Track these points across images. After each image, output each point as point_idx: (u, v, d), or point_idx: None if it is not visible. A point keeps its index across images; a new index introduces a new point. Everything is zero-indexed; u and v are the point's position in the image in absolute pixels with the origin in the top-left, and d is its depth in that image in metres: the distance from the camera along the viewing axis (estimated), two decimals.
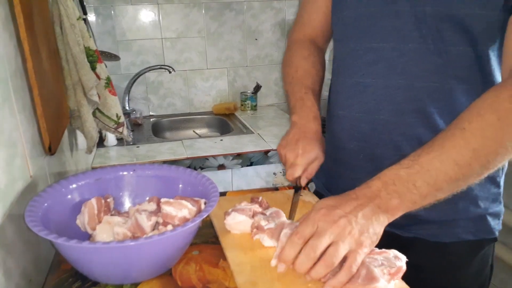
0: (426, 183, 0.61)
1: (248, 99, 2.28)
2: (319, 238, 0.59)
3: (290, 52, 0.99)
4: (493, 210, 0.83)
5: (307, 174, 0.85)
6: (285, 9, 2.28)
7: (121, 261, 0.62)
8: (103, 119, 1.23)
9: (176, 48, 2.17)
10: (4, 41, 0.73)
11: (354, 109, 0.83)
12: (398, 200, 0.61)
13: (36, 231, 0.58)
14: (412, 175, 0.62)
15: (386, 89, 0.78)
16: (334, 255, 0.58)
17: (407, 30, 0.74)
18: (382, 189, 0.62)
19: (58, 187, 0.73)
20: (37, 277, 0.74)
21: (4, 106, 0.69)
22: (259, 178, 1.72)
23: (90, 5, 2.00)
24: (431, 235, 0.83)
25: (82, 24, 1.09)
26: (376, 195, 0.62)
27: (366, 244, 0.60)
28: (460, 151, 0.61)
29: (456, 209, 0.80)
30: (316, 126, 0.87)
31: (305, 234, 0.60)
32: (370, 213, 0.61)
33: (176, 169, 0.81)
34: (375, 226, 0.61)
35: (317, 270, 0.59)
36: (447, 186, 0.62)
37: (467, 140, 0.61)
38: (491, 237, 0.84)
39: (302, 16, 1.00)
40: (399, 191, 0.61)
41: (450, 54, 0.73)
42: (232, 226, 0.76)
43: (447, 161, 0.61)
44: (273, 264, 0.65)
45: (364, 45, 0.80)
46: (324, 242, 0.58)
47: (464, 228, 0.82)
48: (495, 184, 0.82)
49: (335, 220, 0.60)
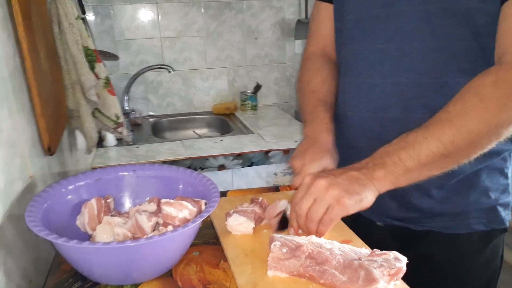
0: (410, 156, 0.67)
1: (248, 99, 2.27)
2: (301, 201, 0.69)
3: (302, 67, 1.01)
4: (503, 201, 0.85)
5: None
6: (285, 8, 2.27)
7: (121, 261, 0.61)
8: (102, 119, 1.23)
9: (176, 47, 2.17)
10: (2, 41, 0.73)
11: (363, 109, 0.84)
12: (382, 170, 0.67)
13: (36, 232, 0.58)
14: (397, 150, 0.68)
15: (394, 87, 0.80)
16: (315, 211, 0.67)
17: (409, 30, 0.77)
18: (370, 161, 0.69)
19: (58, 188, 0.73)
20: (37, 277, 0.74)
21: (3, 106, 0.69)
22: (260, 179, 1.71)
23: (89, 4, 1.99)
24: (444, 227, 0.85)
25: (80, 23, 1.09)
26: (362, 166, 0.69)
27: (344, 201, 0.65)
28: (443, 129, 0.66)
29: (468, 200, 0.82)
30: (327, 137, 0.85)
31: (296, 200, 0.70)
32: (353, 177, 0.67)
33: (177, 170, 0.80)
34: (356, 187, 0.66)
35: (308, 226, 0.69)
36: (431, 162, 0.67)
37: (450, 120, 0.67)
38: (501, 227, 0.86)
39: (312, 29, 1.02)
40: (384, 163, 0.68)
41: (454, 50, 0.75)
42: (233, 228, 0.76)
43: (430, 138, 0.66)
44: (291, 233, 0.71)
45: (368, 46, 0.83)
46: (306, 202, 0.68)
47: (477, 219, 0.84)
48: (504, 175, 0.84)
49: (316, 183, 0.68)
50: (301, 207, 0.69)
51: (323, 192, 0.66)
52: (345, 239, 0.75)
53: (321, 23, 0.98)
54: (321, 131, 0.85)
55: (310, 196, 0.68)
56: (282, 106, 2.41)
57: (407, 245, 0.68)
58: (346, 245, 0.69)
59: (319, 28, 0.99)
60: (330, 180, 0.67)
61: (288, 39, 2.33)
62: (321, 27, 0.99)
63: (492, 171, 0.81)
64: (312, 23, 1.01)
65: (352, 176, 0.68)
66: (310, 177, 0.70)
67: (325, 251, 0.65)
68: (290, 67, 2.38)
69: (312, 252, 0.65)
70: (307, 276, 0.64)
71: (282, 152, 1.67)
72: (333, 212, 0.66)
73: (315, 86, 0.94)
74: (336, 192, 0.66)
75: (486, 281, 0.89)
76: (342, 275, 0.62)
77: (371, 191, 0.67)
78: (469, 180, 0.80)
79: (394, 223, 0.88)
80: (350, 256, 0.66)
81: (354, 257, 0.66)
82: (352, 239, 0.76)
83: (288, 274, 0.64)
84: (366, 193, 0.67)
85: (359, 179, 0.67)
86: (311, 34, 1.02)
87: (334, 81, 0.94)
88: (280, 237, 0.68)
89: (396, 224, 0.88)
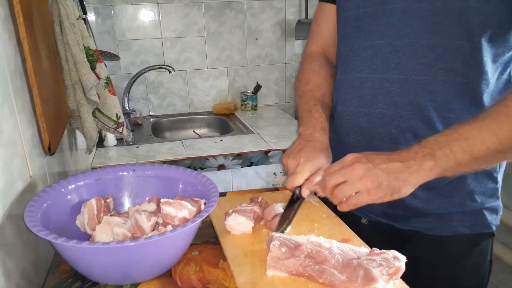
0: (463, 150, 0.64)
1: (248, 99, 2.28)
2: (332, 175, 0.67)
3: (302, 66, 1.00)
4: (490, 205, 0.83)
5: (309, 185, 0.77)
6: (285, 9, 2.27)
7: (120, 261, 0.62)
8: (102, 119, 1.23)
9: (176, 47, 2.17)
10: (3, 41, 0.73)
11: (353, 104, 0.85)
12: (432, 162, 0.64)
13: (35, 232, 0.58)
14: (449, 141, 0.65)
15: (382, 83, 0.80)
16: (342, 191, 0.66)
17: (401, 26, 0.77)
18: (419, 151, 0.66)
19: (58, 187, 0.73)
20: (36, 277, 0.74)
21: (3, 106, 0.69)
22: (259, 178, 1.71)
23: (90, 5, 1.99)
24: (428, 228, 0.84)
25: (81, 23, 1.09)
26: (410, 157, 0.66)
27: (374, 193, 0.64)
28: (501, 125, 0.63)
29: (453, 202, 0.81)
30: (322, 136, 0.83)
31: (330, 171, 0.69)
32: (394, 170, 0.65)
33: (176, 169, 0.80)
34: (393, 182, 0.64)
35: (330, 199, 0.68)
36: (484, 156, 0.64)
37: (508, 115, 0.64)
38: (488, 231, 0.85)
39: (313, 29, 1.02)
40: (434, 154, 0.64)
41: (445, 48, 0.74)
42: (233, 227, 0.76)
43: (486, 132, 0.63)
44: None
45: (363, 43, 0.83)
46: (336, 179, 0.67)
47: (460, 222, 0.83)
48: (492, 180, 0.83)
49: (353, 168, 0.66)
50: (330, 180, 0.68)
51: (357, 179, 0.65)
52: (344, 238, 0.75)
53: (322, 24, 0.98)
54: (316, 130, 0.84)
55: (343, 176, 0.66)
56: (282, 106, 2.42)
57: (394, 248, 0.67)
58: (345, 244, 0.69)
59: (320, 28, 0.99)
60: (367, 168, 0.65)
61: (288, 40, 2.33)
62: (322, 27, 0.99)
63: (479, 174, 0.80)
64: (314, 23, 1.01)
65: (393, 169, 0.65)
66: (351, 158, 0.68)
67: (324, 251, 0.65)
68: (290, 67, 2.38)
69: (311, 252, 0.65)
70: (306, 276, 0.64)
71: (281, 152, 1.68)
72: (360, 198, 0.65)
73: (313, 85, 0.93)
74: (369, 184, 0.64)
75: (475, 285, 0.88)
76: (341, 274, 0.62)
77: (410, 185, 0.66)
78: (454, 182, 0.78)
79: (378, 219, 0.88)
80: (349, 255, 0.66)
81: (353, 256, 0.66)
82: (351, 237, 0.76)
83: (287, 274, 0.64)
84: (402, 188, 0.65)
85: (399, 173, 0.65)
86: (312, 34, 1.02)
87: (333, 81, 0.94)
88: (279, 236, 0.68)
89: (381, 221, 0.88)
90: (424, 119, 0.77)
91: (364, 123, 0.83)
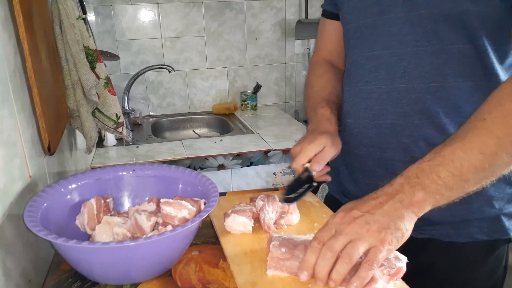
0: (451, 174, 0.60)
1: (248, 99, 2.28)
2: (335, 237, 0.59)
3: (308, 75, 1.04)
4: (508, 211, 0.82)
5: (317, 159, 0.78)
6: (285, 9, 2.27)
7: (120, 261, 0.62)
8: (102, 119, 1.23)
9: (176, 47, 2.17)
10: (3, 41, 0.73)
11: (360, 116, 0.85)
12: (422, 192, 0.60)
13: (35, 232, 0.58)
14: (434, 166, 0.61)
15: (389, 93, 0.80)
16: (351, 251, 0.57)
17: (403, 35, 0.77)
18: (405, 183, 0.61)
19: (58, 187, 0.73)
20: (36, 277, 0.74)
21: (3, 106, 0.69)
22: (259, 178, 1.71)
23: (90, 5, 1.99)
24: (445, 235, 0.83)
25: (81, 23, 1.09)
26: (398, 190, 0.61)
27: (388, 240, 0.58)
28: (484, 140, 0.60)
29: (471, 209, 0.80)
30: (327, 124, 0.84)
31: (323, 238, 0.60)
32: (391, 209, 0.60)
33: (176, 169, 0.80)
34: (397, 222, 0.59)
35: (337, 269, 0.57)
36: (473, 176, 0.61)
37: (489, 129, 0.60)
38: (505, 237, 0.83)
39: (317, 42, 1.06)
40: (423, 184, 0.60)
41: (450, 53, 0.74)
42: (232, 228, 0.76)
43: (471, 151, 0.60)
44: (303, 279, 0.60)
45: (365, 54, 0.84)
46: (341, 241, 0.58)
47: (479, 229, 0.81)
48: (510, 185, 0.81)
49: (352, 221, 0.59)
50: (331, 247, 0.58)
51: (363, 232, 0.58)
52: None
53: (325, 37, 1.03)
54: (321, 122, 0.87)
55: (346, 236, 0.58)
56: (282, 106, 2.42)
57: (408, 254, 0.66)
58: None
59: (323, 41, 1.04)
60: (367, 219, 0.59)
61: (288, 40, 2.33)
62: (325, 41, 1.03)
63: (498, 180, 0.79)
64: (318, 36, 1.06)
65: (389, 209, 0.60)
66: (341, 215, 0.61)
67: None
68: (290, 67, 2.38)
69: None
70: None
71: (281, 152, 1.68)
72: (379, 254, 0.57)
73: (318, 88, 0.96)
74: (376, 232, 0.58)
75: None
76: None
77: (411, 220, 0.60)
78: None
79: None
80: None
81: None
82: None
83: (287, 274, 0.64)
84: (406, 225, 0.59)
85: (396, 210, 0.60)
86: (316, 46, 1.07)
87: (339, 83, 0.96)
88: (278, 236, 0.68)
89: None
90: (436, 126, 0.77)
91: (374, 134, 0.83)
